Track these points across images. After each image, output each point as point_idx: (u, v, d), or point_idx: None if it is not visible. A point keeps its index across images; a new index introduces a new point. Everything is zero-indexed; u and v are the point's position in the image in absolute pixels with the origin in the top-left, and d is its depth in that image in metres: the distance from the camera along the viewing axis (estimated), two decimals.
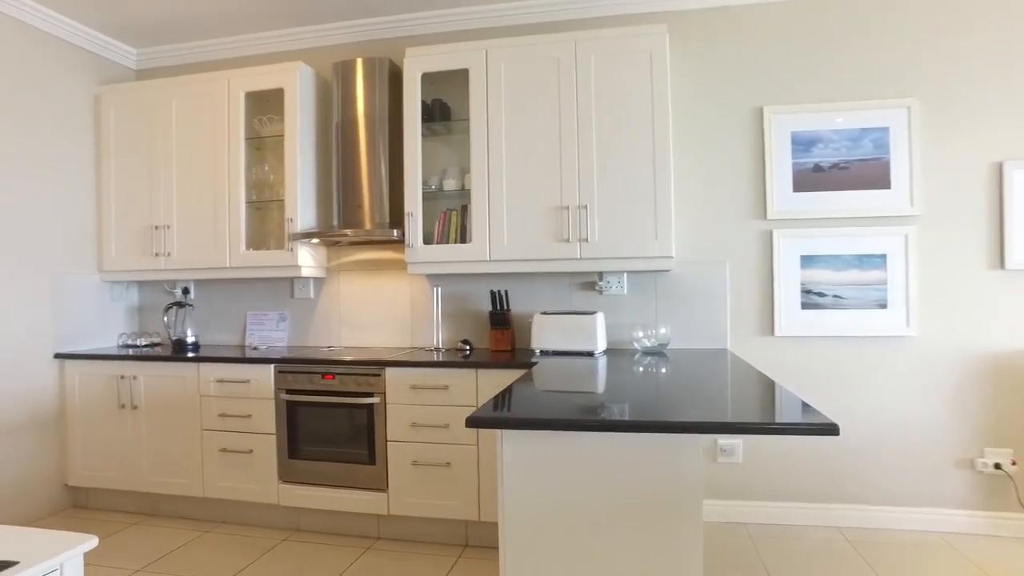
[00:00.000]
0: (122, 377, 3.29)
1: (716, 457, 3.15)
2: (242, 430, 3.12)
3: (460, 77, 3.22)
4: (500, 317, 3.24)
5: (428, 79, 3.30)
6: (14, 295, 3.19)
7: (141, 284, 3.93)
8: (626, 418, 1.51)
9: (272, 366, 3.07)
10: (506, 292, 3.29)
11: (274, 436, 3.07)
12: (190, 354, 3.28)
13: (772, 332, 3.10)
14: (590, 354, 3.00)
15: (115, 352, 3.41)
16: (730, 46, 3.15)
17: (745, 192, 3.14)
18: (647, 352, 3.04)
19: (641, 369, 2.48)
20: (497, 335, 3.26)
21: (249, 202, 3.45)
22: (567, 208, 2.97)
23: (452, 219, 3.25)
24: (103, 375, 3.33)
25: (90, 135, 3.63)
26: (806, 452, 3.07)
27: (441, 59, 3.14)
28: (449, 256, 3.13)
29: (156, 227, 3.52)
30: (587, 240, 2.96)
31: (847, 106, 3.02)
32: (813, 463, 3.07)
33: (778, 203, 3.10)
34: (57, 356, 3.38)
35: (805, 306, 3.07)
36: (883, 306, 3.00)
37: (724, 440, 3.13)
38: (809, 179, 3.07)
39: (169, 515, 3.32)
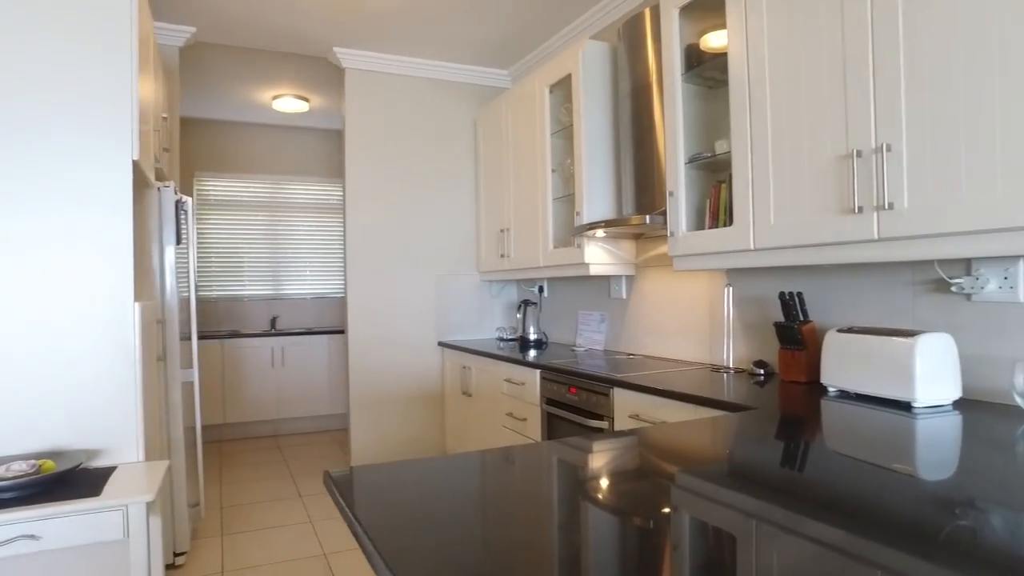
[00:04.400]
0: (464, 367, 3.71)
1: None
2: (520, 432, 3.07)
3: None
4: (791, 332, 2.18)
5: (696, 15, 2.49)
6: (411, 294, 4.01)
7: (519, 282, 4.31)
8: None
9: (538, 371, 2.91)
10: (799, 295, 2.19)
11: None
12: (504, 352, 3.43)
13: None
14: (907, 407, 1.71)
15: (472, 346, 3.86)
16: None
17: None
18: None
19: (974, 463, 1.28)
20: (788, 357, 2.21)
21: (557, 198, 3.35)
22: (856, 154, 1.76)
23: (722, 194, 2.37)
24: (457, 364, 3.83)
25: (472, 154, 4.21)
26: None
27: None
28: (705, 246, 2.30)
29: (502, 230, 3.81)
30: (890, 207, 1.67)
31: None
32: None
33: None
34: (440, 344, 4.07)
35: None
36: None
37: None
38: None
39: None
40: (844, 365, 1.91)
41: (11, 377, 1.97)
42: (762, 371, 2.39)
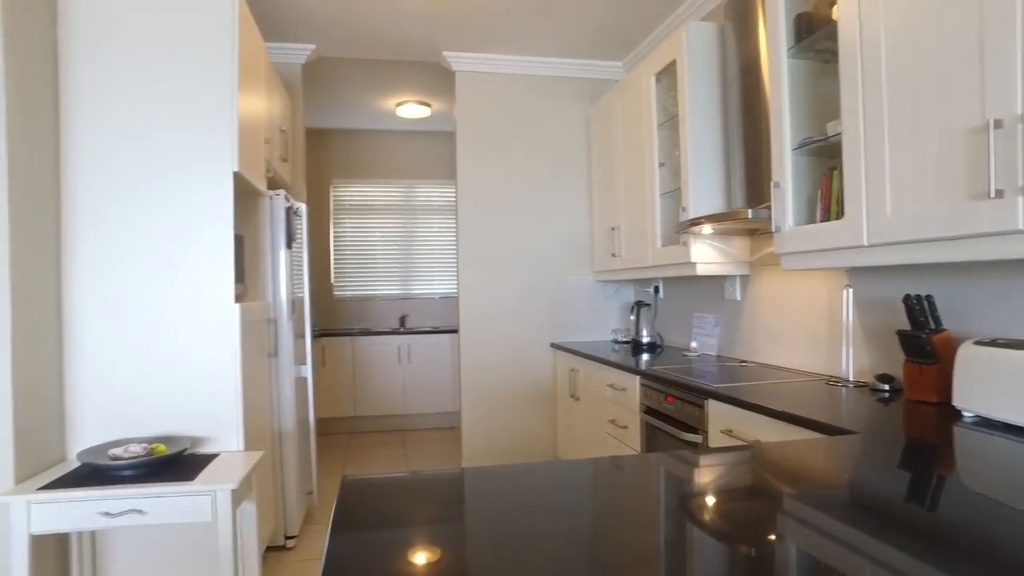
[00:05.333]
0: (572, 370, 3.60)
1: None
2: (621, 440, 2.91)
3: None
4: (918, 342, 1.83)
5: None
6: (524, 294, 3.98)
7: (634, 282, 4.11)
8: None
9: (637, 378, 2.74)
10: (927, 299, 1.83)
11: None
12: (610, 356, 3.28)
13: None
14: None
15: (586, 348, 3.75)
16: None
17: None
18: None
19: None
20: (914, 372, 1.86)
21: (665, 193, 3.13)
22: (994, 125, 1.42)
23: (834, 183, 2.05)
24: (567, 366, 3.73)
25: (585, 151, 4.08)
26: None
27: None
28: (813, 242, 2.01)
29: (612, 228, 3.65)
30: None
31: None
32: None
33: None
34: (552, 345, 3.99)
35: None
36: None
37: None
38: None
39: None
40: (983, 385, 1.57)
41: (135, 370, 2.21)
42: (887, 386, 2.04)
